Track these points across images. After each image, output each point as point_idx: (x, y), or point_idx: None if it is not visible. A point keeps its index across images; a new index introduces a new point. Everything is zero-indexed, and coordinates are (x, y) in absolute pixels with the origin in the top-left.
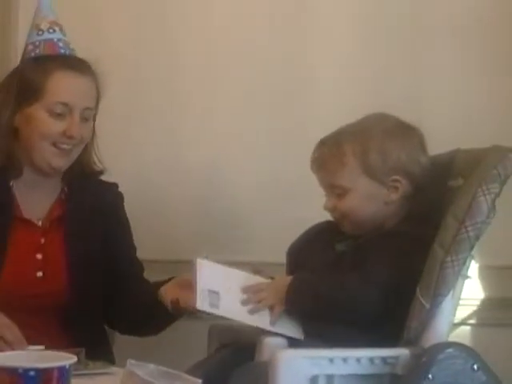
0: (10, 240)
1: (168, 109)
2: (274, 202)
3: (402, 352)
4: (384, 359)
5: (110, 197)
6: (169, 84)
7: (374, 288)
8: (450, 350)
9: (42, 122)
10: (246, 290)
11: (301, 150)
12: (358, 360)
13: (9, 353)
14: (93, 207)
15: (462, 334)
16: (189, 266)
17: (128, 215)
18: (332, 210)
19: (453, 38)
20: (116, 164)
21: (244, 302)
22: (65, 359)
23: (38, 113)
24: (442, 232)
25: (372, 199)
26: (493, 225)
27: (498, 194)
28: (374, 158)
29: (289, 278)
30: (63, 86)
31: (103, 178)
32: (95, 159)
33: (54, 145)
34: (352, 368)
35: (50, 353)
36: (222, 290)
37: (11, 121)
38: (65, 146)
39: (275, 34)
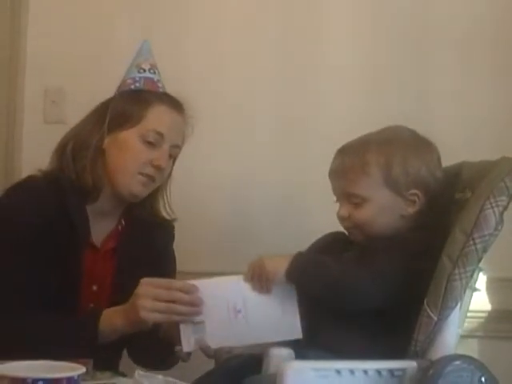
0: (81, 266)
1: None
2: (283, 214)
3: (409, 364)
4: (391, 371)
5: (162, 235)
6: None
7: (378, 279)
8: (457, 362)
9: (133, 146)
10: (249, 266)
11: (309, 161)
12: (366, 372)
13: (17, 363)
14: (145, 244)
15: (470, 347)
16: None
17: None
18: (346, 218)
19: (458, 47)
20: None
21: (247, 279)
22: (74, 370)
23: (131, 137)
24: (450, 244)
25: (389, 211)
26: (501, 237)
27: (505, 207)
28: (397, 171)
29: (289, 254)
30: (162, 117)
31: None
32: (166, 203)
33: (140, 172)
34: (359, 380)
35: (58, 363)
36: (208, 314)
37: (100, 143)
38: (149, 176)
39: (279, 41)
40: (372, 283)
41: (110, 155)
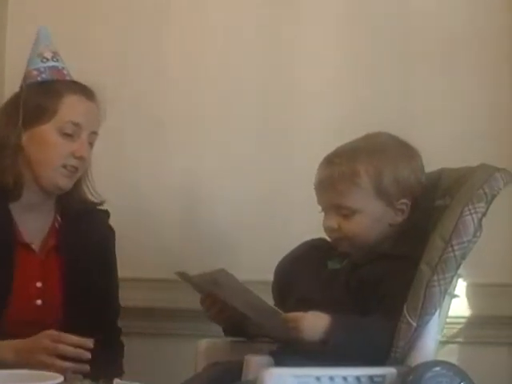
0: (15, 265)
1: (158, 122)
2: (260, 218)
3: (388, 371)
4: (371, 378)
5: (103, 230)
6: (156, 95)
7: (393, 323)
8: (437, 368)
9: (52, 140)
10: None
11: (289, 164)
12: (345, 378)
13: None
14: (85, 238)
15: (449, 353)
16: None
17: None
18: (335, 230)
19: (443, 54)
20: (103, 180)
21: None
22: (50, 379)
23: (48, 132)
24: (429, 251)
25: (379, 221)
26: (480, 243)
27: (484, 214)
28: (388, 181)
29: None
30: (75, 108)
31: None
32: (90, 189)
33: (62, 164)
34: None
35: (36, 372)
36: None
37: (18, 140)
38: (72, 167)
39: (263, 48)
40: (390, 331)
41: (30, 151)
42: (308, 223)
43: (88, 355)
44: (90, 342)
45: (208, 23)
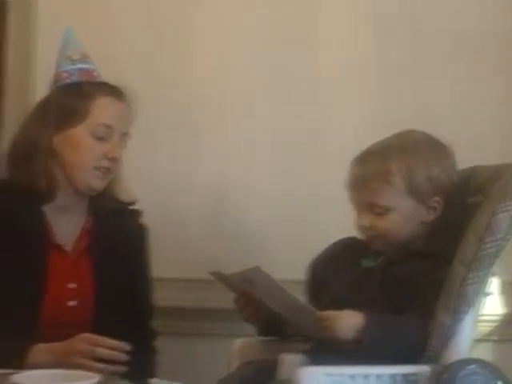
0: (47, 267)
1: (187, 123)
2: (291, 217)
3: (422, 369)
4: (405, 376)
5: (135, 229)
6: (182, 97)
7: (426, 322)
8: (471, 366)
9: (85, 143)
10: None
11: (320, 163)
12: (379, 377)
13: (31, 372)
14: (117, 238)
15: (484, 351)
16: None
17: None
18: (368, 228)
19: (470, 54)
20: (134, 180)
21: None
22: (86, 378)
23: (81, 135)
24: (463, 249)
25: (411, 219)
26: None
27: None
28: (420, 179)
29: (359, 314)
30: (107, 110)
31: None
32: (122, 188)
33: (95, 166)
34: None
35: (71, 372)
36: None
37: (50, 144)
38: (105, 168)
39: (286, 47)
40: (424, 330)
41: (62, 154)
42: (341, 222)
43: (125, 357)
44: (126, 345)
45: (228, 23)
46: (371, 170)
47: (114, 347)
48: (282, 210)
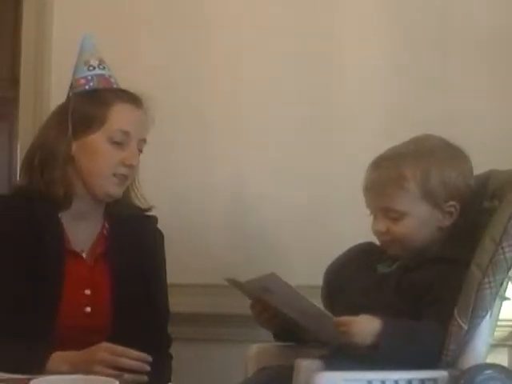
0: (64, 273)
1: (205, 128)
2: (309, 222)
3: (440, 374)
4: (422, 381)
5: (151, 235)
6: (202, 101)
7: (444, 327)
8: (488, 371)
9: (103, 149)
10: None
11: (335, 166)
12: (397, 382)
13: (50, 377)
14: (133, 244)
15: (501, 356)
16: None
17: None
18: (384, 233)
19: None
20: (150, 186)
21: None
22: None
23: (98, 141)
24: (479, 253)
25: (427, 224)
26: None
27: None
28: (435, 184)
29: (376, 319)
30: (124, 116)
31: None
32: (138, 195)
33: (113, 173)
34: None
35: (91, 377)
36: None
37: (68, 150)
38: (122, 175)
39: (302, 49)
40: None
41: (80, 161)
42: (358, 225)
43: (147, 368)
44: (148, 356)
45: (244, 26)
46: (386, 176)
47: (136, 358)
48: (298, 214)
